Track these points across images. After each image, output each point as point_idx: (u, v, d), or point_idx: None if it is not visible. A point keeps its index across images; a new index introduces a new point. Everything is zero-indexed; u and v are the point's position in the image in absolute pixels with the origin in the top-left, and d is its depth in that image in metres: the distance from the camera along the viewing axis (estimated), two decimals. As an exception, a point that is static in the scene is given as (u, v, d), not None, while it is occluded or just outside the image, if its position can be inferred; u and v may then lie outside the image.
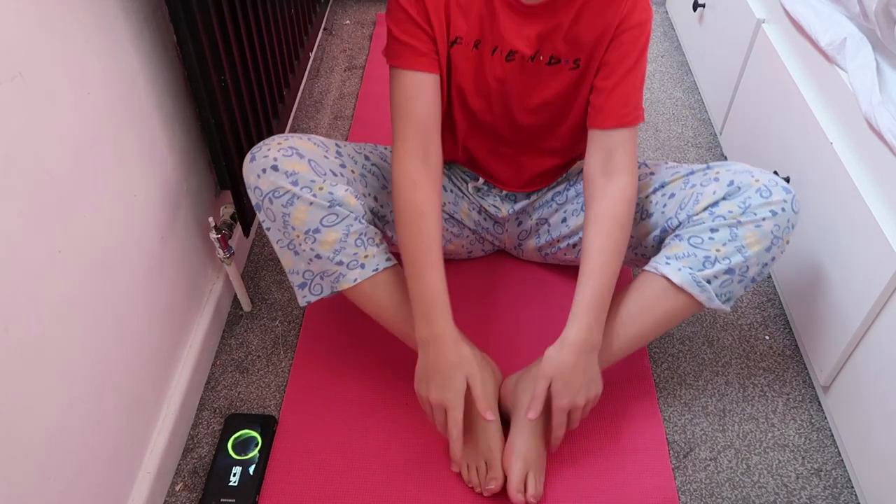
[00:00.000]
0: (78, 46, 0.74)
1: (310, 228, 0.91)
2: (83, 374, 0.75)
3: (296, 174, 0.90)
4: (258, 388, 1.07)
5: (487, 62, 0.95)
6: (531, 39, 0.93)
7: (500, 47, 0.94)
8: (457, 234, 1.18)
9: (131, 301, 0.86)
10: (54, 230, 0.69)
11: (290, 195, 0.90)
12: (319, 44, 1.88)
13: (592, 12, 0.91)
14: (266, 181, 0.90)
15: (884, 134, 0.89)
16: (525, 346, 1.12)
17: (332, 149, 1.00)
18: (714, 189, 0.94)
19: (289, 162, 0.91)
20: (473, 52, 0.95)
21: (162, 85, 0.95)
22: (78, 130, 0.73)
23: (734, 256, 0.91)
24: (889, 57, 0.98)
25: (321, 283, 0.96)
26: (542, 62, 0.95)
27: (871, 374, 0.92)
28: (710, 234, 0.92)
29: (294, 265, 0.95)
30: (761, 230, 0.90)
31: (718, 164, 0.99)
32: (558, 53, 0.95)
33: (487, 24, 0.92)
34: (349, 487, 0.95)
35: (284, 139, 0.94)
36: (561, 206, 1.14)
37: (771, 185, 0.91)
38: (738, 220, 0.90)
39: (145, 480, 0.89)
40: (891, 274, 0.85)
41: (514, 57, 0.95)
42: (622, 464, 0.98)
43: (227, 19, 1.01)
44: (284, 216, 0.90)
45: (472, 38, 0.94)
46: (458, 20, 0.92)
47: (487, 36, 0.93)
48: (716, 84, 1.59)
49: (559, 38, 0.93)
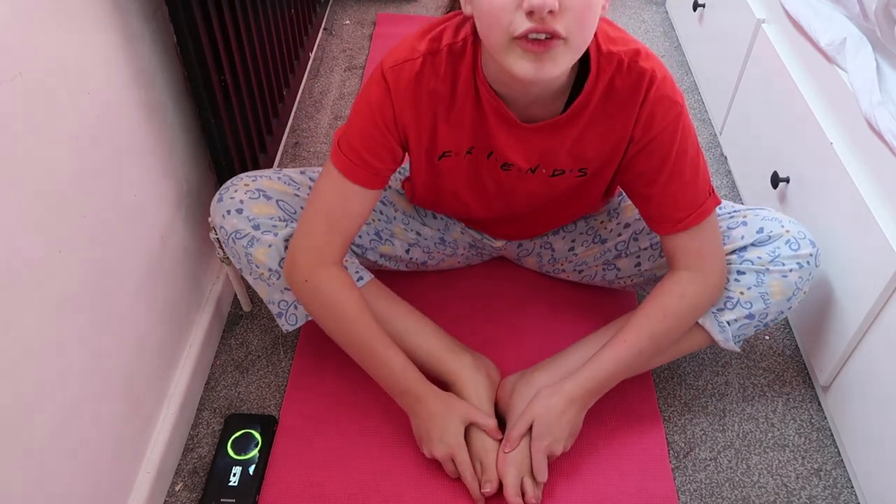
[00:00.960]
0: (78, 46, 0.74)
1: (271, 268, 0.93)
2: (83, 374, 0.75)
3: (257, 218, 0.92)
4: (258, 388, 1.07)
5: (483, 165, 0.90)
6: (531, 156, 0.88)
7: (495, 154, 0.88)
8: (450, 254, 1.17)
9: (131, 301, 0.86)
10: (54, 230, 0.69)
11: (250, 237, 0.92)
12: (319, 44, 1.88)
13: (598, 130, 0.84)
14: (230, 223, 0.92)
15: (884, 134, 0.89)
16: (524, 348, 1.12)
17: (304, 186, 0.99)
18: (742, 233, 0.94)
19: (255, 205, 0.93)
20: (467, 158, 0.90)
21: (162, 85, 0.95)
22: (78, 130, 0.73)
23: (757, 302, 0.92)
24: (889, 57, 0.98)
25: (295, 313, 0.98)
26: (544, 174, 0.90)
27: (871, 374, 0.92)
28: (735, 276, 0.93)
29: (269, 295, 0.98)
30: (787, 280, 0.91)
31: (744, 208, 0.98)
32: (561, 166, 0.89)
33: (482, 136, 0.86)
34: (349, 487, 0.95)
35: (252, 180, 0.95)
36: (569, 234, 1.13)
37: (800, 238, 0.92)
38: (766, 267, 0.91)
39: (145, 480, 0.89)
40: (891, 274, 0.85)
41: (511, 169, 0.89)
42: (622, 463, 0.98)
43: (227, 19, 1.01)
44: (247, 255, 0.93)
45: (463, 148, 0.88)
46: (446, 135, 0.86)
47: (481, 144, 0.87)
48: (716, 84, 1.59)
49: (562, 155, 0.88)
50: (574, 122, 0.83)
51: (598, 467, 0.97)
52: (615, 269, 1.10)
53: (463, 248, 1.17)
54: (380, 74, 0.83)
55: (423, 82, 0.82)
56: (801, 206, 1.11)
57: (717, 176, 1.48)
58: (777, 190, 1.18)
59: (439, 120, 0.85)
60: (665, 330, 0.91)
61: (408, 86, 0.82)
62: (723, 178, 1.47)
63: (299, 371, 1.09)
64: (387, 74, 0.82)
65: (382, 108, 0.83)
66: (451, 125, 0.85)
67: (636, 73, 0.80)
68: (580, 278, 1.17)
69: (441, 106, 0.84)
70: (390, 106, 0.83)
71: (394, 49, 0.83)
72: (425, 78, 0.82)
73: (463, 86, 0.82)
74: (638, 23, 2.02)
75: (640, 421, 1.02)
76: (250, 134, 1.15)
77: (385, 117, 0.84)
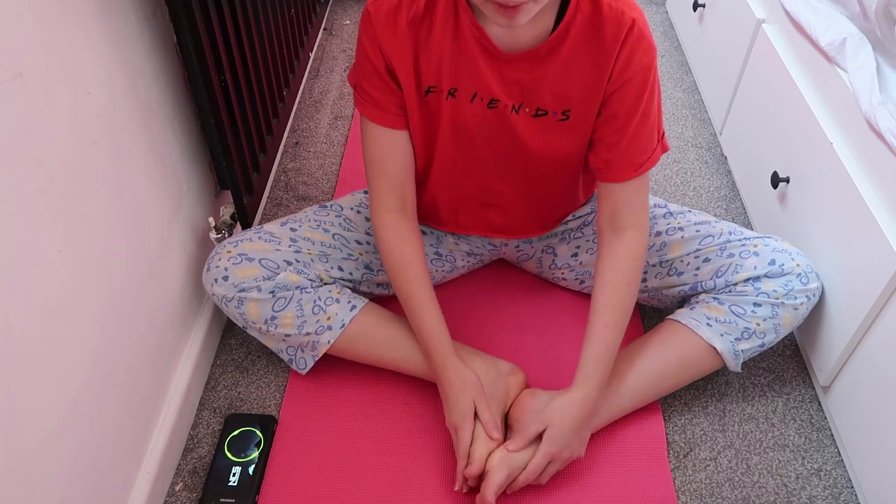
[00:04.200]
0: (78, 46, 0.74)
1: (266, 318, 0.97)
2: (83, 374, 0.75)
3: (243, 282, 0.96)
4: (258, 388, 1.07)
5: (467, 109, 0.90)
6: (513, 89, 0.88)
7: (479, 93, 0.88)
8: (449, 269, 1.17)
9: (131, 301, 0.86)
10: (54, 230, 0.69)
11: (238, 300, 0.96)
12: (319, 44, 1.88)
13: (581, 64, 0.85)
14: (219, 289, 0.97)
15: (884, 134, 0.89)
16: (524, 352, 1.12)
17: (285, 239, 1.02)
18: (755, 264, 0.98)
19: (239, 270, 0.97)
20: (450, 101, 0.90)
21: (162, 85, 0.95)
22: (78, 130, 0.73)
23: (770, 334, 0.98)
24: (889, 57, 0.98)
25: (303, 356, 1.02)
26: (527, 114, 0.90)
27: (871, 374, 0.92)
28: (752, 308, 0.97)
29: (274, 345, 1.03)
30: (797, 313, 0.98)
31: (754, 237, 1.02)
32: (545, 106, 0.89)
33: (464, 72, 0.87)
34: (349, 487, 0.95)
35: (234, 245, 0.99)
36: (574, 240, 1.12)
37: (808, 272, 0.98)
38: (781, 301, 0.97)
39: (145, 480, 0.89)
40: (891, 274, 0.85)
41: (497, 105, 0.89)
42: (622, 463, 0.98)
43: (227, 19, 1.01)
44: (241, 315, 0.98)
45: (446, 86, 0.88)
46: (429, 69, 0.88)
47: (464, 83, 0.88)
48: (716, 84, 1.59)
49: (545, 91, 0.88)
50: (554, 54, 0.84)
51: (598, 467, 0.97)
52: None
53: (461, 258, 1.16)
54: (365, 9, 0.86)
55: (401, 12, 0.84)
56: (801, 206, 1.11)
57: (717, 176, 1.48)
58: (777, 190, 1.17)
59: (420, 50, 0.86)
60: (630, 297, 0.95)
61: (388, 16, 0.85)
62: (723, 178, 1.47)
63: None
64: (369, 7, 0.86)
65: (370, 41, 0.87)
66: (431, 56, 0.87)
67: (617, 13, 0.83)
68: (581, 288, 1.17)
69: (420, 34, 0.85)
70: (374, 38, 0.86)
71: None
72: (404, 8, 0.84)
73: (442, 13, 0.84)
74: (638, 23, 2.01)
75: (640, 421, 1.02)
76: (250, 134, 1.15)
77: (372, 49, 0.87)
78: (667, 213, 1.08)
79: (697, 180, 1.47)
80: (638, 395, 1.00)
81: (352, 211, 1.10)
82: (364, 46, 0.88)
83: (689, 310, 1.02)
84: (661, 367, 0.99)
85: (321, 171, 1.47)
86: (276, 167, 1.46)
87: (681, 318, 1.00)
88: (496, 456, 0.89)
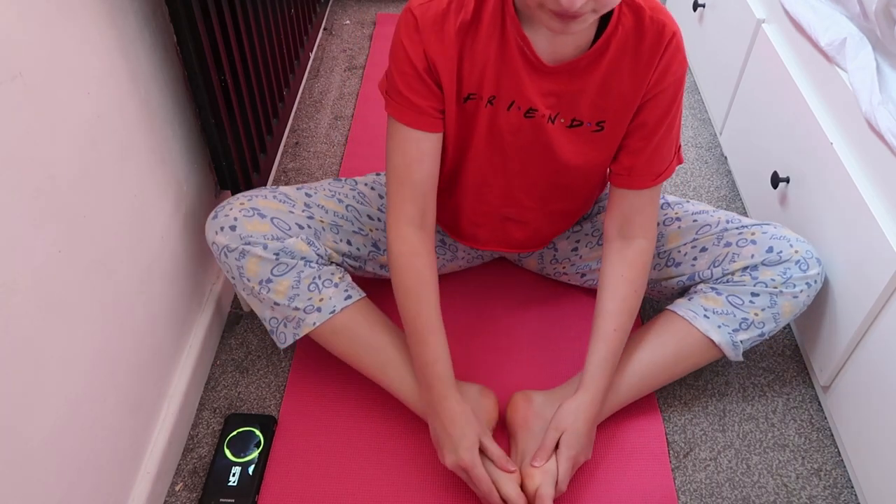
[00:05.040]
0: (78, 46, 0.74)
1: (262, 279, 0.94)
2: (83, 374, 0.75)
3: (250, 236, 0.94)
4: (258, 388, 1.07)
5: (503, 117, 0.89)
6: (551, 99, 0.87)
7: (517, 102, 0.88)
8: (450, 258, 1.17)
9: (131, 301, 0.86)
10: (54, 230, 0.69)
11: (240, 251, 0.94)
12: (319, 44, 1.88)
13: (620, 75, 0.85)
14: (222, 238, 0.94)
15: (884, 134, 0.89)
16: (524, 354, 1.12)
17: (299, 202, 1.00)
18: (752, 252, 0.97)
19: (249, 223, 0.94)
20: (488, 109, 0.89)
21: (162, 85, 0.95)
22: (78, 131, 0.73)
23: (769, 323, 0.97)
24: (889, 57, 0.98)
25: (285, 331, 0.99)
26: (562, 124, 0.90)
27: (871, 374, 0.92)
28: (750, 298, 0.96)
29: (261, 311, 0.99)
30: (797, 301, 0.96)
31: (752, 224, 1.01)
32: (581, 116, 0.89)
33: (505, 80, 0.86)
34: (349, 488, 0.95)
35: (248, 199, 0.97)
36: (573, 235, 1.12)
37: (808, 258, 0.96)
38: (779, 289, 0.96)
39: (145, 480, 0.89)
40: (891, 274, 0.85)
41: (534, 115, 0.89)
42: (622, 463, 0.98)
43: (227, 19, 1.01)
44: (239, 269, 0.95)
45: (486, 93, 0.88)
46: (471, 76, 0.87)
47: (504, 92, 0.87)
48: (716, 84, 1.59)
49: (583, 102, 0.88)
50: (594, 65, 0.84)
51: (598, 467, 0.97)
52: None
53: (463, 250, 1.16)
54: (409, 12, 0.84)
55: (449, 18, 0.83)
56: (801, 206, 1.11)
57: (717, 176, 1.48)
58: (777, 190, 1.17)
59: (465, 56, 0.85)
60: (636, 303, 0.96)
61: (435, 20, 0.83)
62: (723, 178, 1.47)
63: (299, 371, 1.09)
64: (415, 11, 0.84)
65: (413, 44, 0.84)
66: (475, 63, 0.86)
67: (658, 24, 0.83)
68: (582, 282, 1.17)
69: (467, 41, 0.85)
70: (420, 41, 0.84)
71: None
72: (451, 14, 0.83)
73: (489, 21, 0.83)
74: (638, 23, 2.01)
75: (640, 421, 1.02)
76: (250, 134, 1.15)
77: (416, 52, 0.85)
78: (664, 204, 1.08)
79: (697, 180, 1.47)
80: (636, 388, 0.99)
81: (366, 187, 1.10)
82: (405, 49, 0.85)
83: (686, 300, 1.01)
84: (658, 359, 0.99)
85: (321, 171, 1.47)
86: (276, 167, 1.46)
87: (678, 310, 1.00)
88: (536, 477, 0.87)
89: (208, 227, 0.97)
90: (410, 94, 0.87)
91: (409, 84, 0.86)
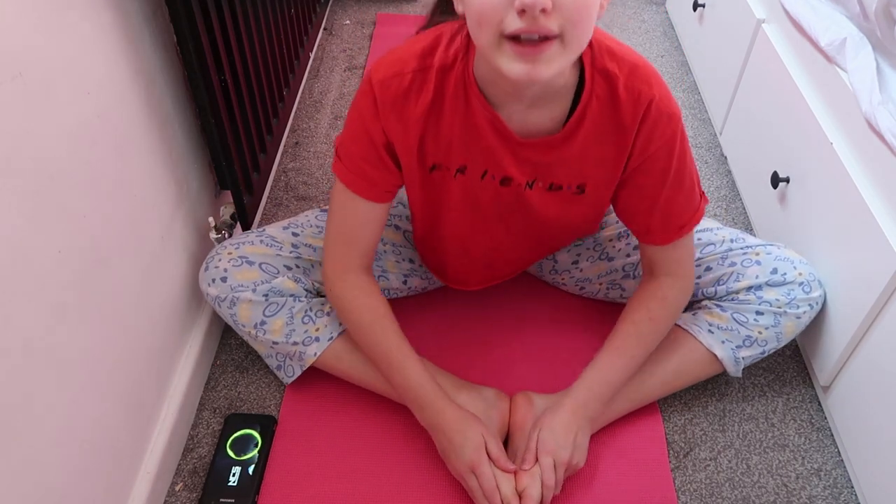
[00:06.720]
0: (78, 46, 0.74)
1: (256, 322, 0.97)
2: (83, 374, 0.75)
3: (241, 284, 0.96)
4: (258, 388, 1.07)
5: (477, 185, 0.88)
6: (527, 167, 0.86)
7: (490, 171, 0.86)
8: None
9: (131, 301, 0.86)
10: (54, 230, 0.69)
11: (230, 299, 0.96)
12: (319, 44, 1.88)
13: (599, 145, 0.83)
14: (214, 290, 0.97)
15: (884, 134, 0.89)
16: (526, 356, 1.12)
17: (286, 244, 1.01)
18: (756, 273, 0.98)
19: (238, 272, 0.96)
20: (459, 178, 0.88)
21: (162, 85, 0.95)
22: (78, 131, 0.73)
23: (771, 342, 0.99)
24: (889, 57, 0.98)
25: (291, 364, 1.01)
26: (541, 188, 0.88)
27: (871, 374, 0.92)
28: (755, 316, 0.98)
29: (265, 352, 1.02)
30: (800, 322, 0.98)
31: (756, 244, 1.01)
32: (559, 182, 0.88)
33: (475, 152, 0.84)
34: (348, 488, 0.95)
35: (235, 248, 0.99)
36: (574, 248, 1.12)
37: (811, 280, 0.98)
38: (783, 310, 0.97)
39: (145, 480, 0.89)
40: (891, 274, 0.85)
41: (510, 183, 0.87)
42: (622, 463, 0.98)
43: (227, 19, 1.01)
44: (233, 317, 0.98)
45: (454, 164, 0.86)
46: (436, 150, 0.85)
47: (475, 163, 0.85)
48: (716, 84, 1.59)
49: (560, 171, 0.86)
50: (570, 139, 0.82)
51: (597, 467, 0.97)
52: (620, 289, 1.10)
53: None
54: (368, 85, 0.82)
55: (410, 98, 0.81)
56: (801, 207, 1.11)
57: (717, 176, 1.48)
58: (777, 190, 1.17)
59: (427, 134, 0.84)
60: (651, 332, 0.94)
61: (395, 101, 0.81)
62: (723, 178, 1.47)
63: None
64: (375, 87, 0.81)
65: (370, 119, 0.83)
66: (440, 139, 0.84)
67: (634, 93, 0.79)
68: (580, 293, 1.17)
69: (430, 120, 0.83)
70: (377, 118, 0.83)
71: (385, 58, 0.83)
72: (413, 94, 0.81)
73: (451, 100, 0.81)
74: (638, 23, 2.02)
75: (640, 421, 1.02)
76: (250, 134, 1.15)
77: (374, 128, 0.84)
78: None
79: (697, 180, 1.47)
80: (636, 398, 1.00)
81: None
82: (364, 122, 0.83)
83: (691, 315, 1.02)
84: (660, 371, 0.99)
85: (321, 171, 1.47)
86: (276, 167, 1.46)
87: (682, 324, 1.01)
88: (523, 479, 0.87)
89: (201, 278, 0.99)
90: (365, 166, 0.86)
91: (365, 157, 0.86)
